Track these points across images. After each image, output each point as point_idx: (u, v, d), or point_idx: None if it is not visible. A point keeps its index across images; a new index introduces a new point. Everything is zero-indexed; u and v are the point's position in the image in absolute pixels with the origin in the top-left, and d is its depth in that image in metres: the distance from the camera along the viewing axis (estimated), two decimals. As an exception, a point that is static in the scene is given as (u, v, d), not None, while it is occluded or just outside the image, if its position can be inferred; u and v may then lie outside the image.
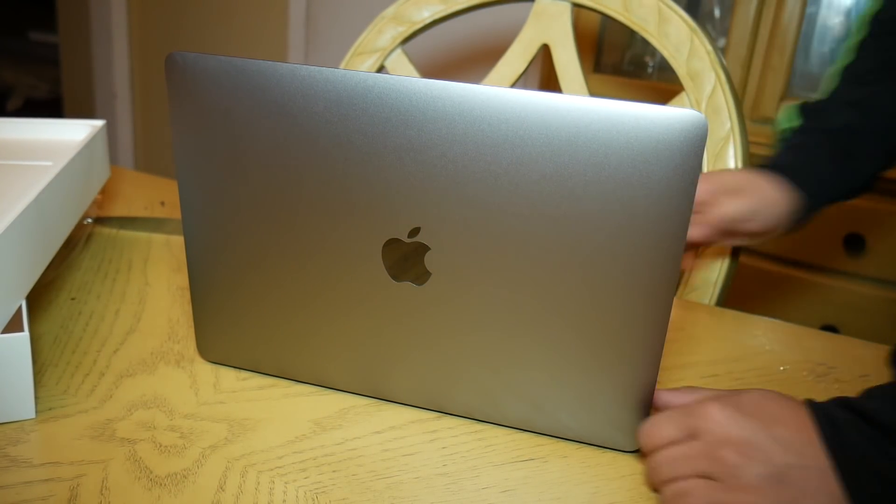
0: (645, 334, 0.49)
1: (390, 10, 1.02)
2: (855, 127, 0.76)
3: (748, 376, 0.65)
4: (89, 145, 0.76)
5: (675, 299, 0.67)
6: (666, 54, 0.85)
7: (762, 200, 0.74)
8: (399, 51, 1.03)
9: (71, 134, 0.82)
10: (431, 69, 1.85)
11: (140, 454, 0.50)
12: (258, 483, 0.48)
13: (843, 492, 0.43)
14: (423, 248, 0.51)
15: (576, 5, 0.93)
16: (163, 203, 0.94)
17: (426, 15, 1.00)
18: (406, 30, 1.01)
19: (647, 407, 0.51)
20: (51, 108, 3.17)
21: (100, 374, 0.58)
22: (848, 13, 1.47)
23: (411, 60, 1.03)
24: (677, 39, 0.84)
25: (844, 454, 0.44)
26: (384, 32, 1.02)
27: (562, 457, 0.53)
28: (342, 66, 1.06)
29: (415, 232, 0.50)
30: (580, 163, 0.46)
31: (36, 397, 0.54)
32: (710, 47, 0.83)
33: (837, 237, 1.39)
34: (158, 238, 0.84)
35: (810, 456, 0.44)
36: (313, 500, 0.48)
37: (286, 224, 0.53)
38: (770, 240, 0.79)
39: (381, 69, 1.04)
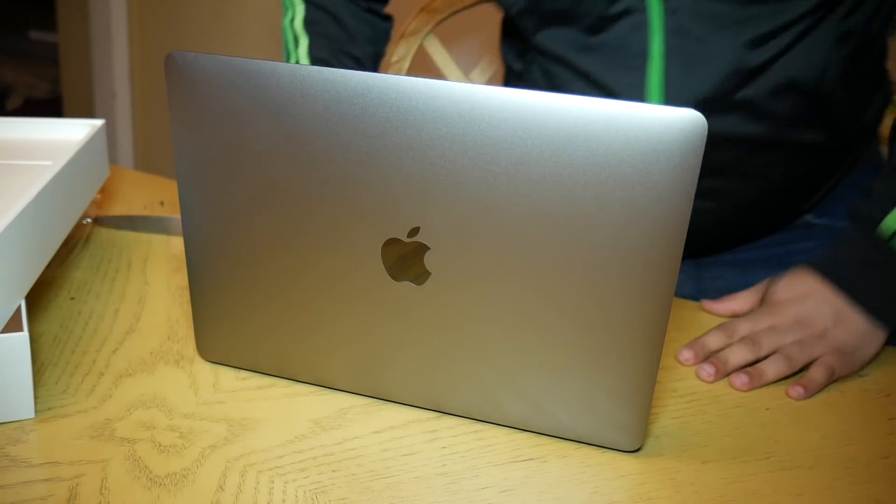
0: (645, 334, 0.49)
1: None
2: None
3: (748, 376, 0.65)
4: (88, 145, 0.76)
5: (675, 299, 0.67)
6: None
7: None
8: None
9: (70, 133, 0.82)
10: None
11: (139, 454, 0.50)
12: (258, 483, 0.48)
13: (842, 297, 0.66)
14: (423, 248, 0.51)
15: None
16: (163, 203, 0.94)
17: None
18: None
19: (647, 406, 0.51)
20: (50, 107, 3.17)
21: (99, 374, 0.58)
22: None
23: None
24: None
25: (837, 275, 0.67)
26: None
27: (561, 457, 0.53)
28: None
29: (414, 232, 0.50)
30: (579, 162, 0.46)
31: (35, 397, 0.54)
32: None
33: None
34: (158, 238, 0.84)
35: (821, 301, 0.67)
36: (313, 499, 0.48)
37: (286, 224, 0.53)
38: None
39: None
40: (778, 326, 0.66)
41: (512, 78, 0.94)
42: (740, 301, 0.73)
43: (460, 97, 0.46)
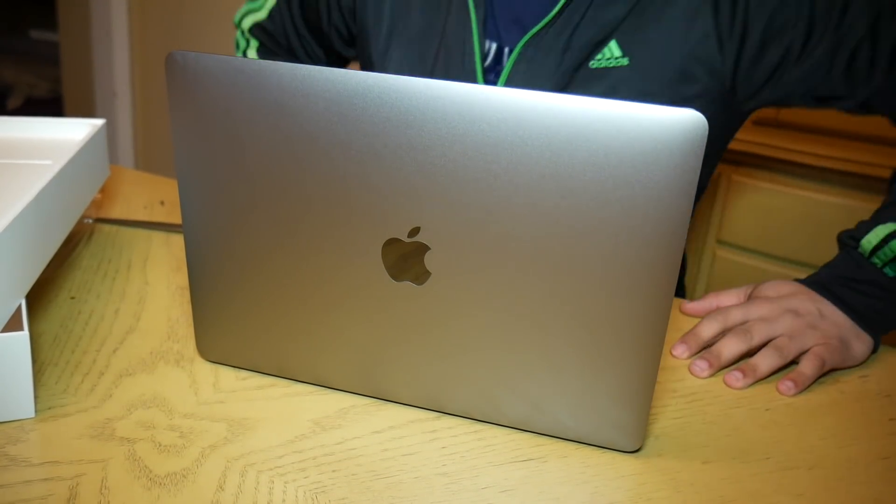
0: (644, 334, 0.49)
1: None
2: None
3: (748, 376, 0.65)
4: (89, 144, 0.76)
5: (674, 299, 0.67)
6: None
7: None
8: None
9: (71, 133, 0.82)
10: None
11: (139, 453, 0.50)
12: (258, 483, 0.48)
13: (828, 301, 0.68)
14: (423, 248, 0.51)
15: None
16: (163, 202, 0.94)
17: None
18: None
19: (647, 407, 0.51)
20: (51, 106, 3.17)
21: (99, 374, 0.58)
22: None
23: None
24: None
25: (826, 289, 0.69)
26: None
27: (561, 457, 0.53)
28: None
29: (415, 232, 0.50)
30: (580, 163, 0.46)
31: (35, 396, 0.54)
32: None
33: (837, 237, 1.39)
34: (158, 237, 0.84)
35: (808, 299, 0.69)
36: (313, 499, 0.48)
37: (286, 224, 0.53)
38: (771, 240, 0.82)
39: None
40: (769, 317, 0.67)
41: None
42: (725, 296, 0.73)
43: (460, 97, 0.46)
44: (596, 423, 0.53)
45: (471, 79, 0.82)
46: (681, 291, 1.00)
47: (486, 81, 0.83)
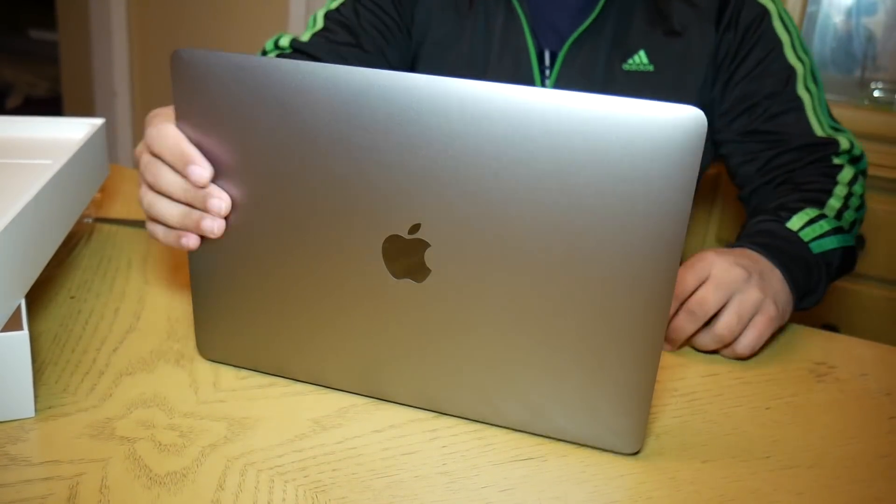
0: (644, 334, 0.49)
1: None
2: None
3: (748, 375, 0.65)
4: (88, 143, 0.75)
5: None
6: None
7: None
8: None
9: (70, 132, 0.82)
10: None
11: (139, 453, 0.50)
12: (258, 482, 0.48)
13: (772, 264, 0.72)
14: (424, 245, 0.51)
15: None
16: (162, 201, 0.94)
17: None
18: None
19: (646, 409, 0.51)
20: (50, 106, 3.17)
21: (99, 373, 0.58)
22: (848, 13, 1.47)
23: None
24: None
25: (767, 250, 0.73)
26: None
27: (561, 456, 0.53)
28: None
29: (415, 228, 0.50)
30: (580, 160, 0.46)
31: (35, 396, 0.54)
32: None
33: (837, 236, 1.39)
34: (158, 236, 0.83)
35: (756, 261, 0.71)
36: (313, 498, 0.48)
37: (287, 221, 0.53)
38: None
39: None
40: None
41: None
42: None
43: (462, 94, 0.46)
44: (595, 426, 0.53)
45: (527, 78, 0.94)
46: None
47: (541, 80, 0.96)
